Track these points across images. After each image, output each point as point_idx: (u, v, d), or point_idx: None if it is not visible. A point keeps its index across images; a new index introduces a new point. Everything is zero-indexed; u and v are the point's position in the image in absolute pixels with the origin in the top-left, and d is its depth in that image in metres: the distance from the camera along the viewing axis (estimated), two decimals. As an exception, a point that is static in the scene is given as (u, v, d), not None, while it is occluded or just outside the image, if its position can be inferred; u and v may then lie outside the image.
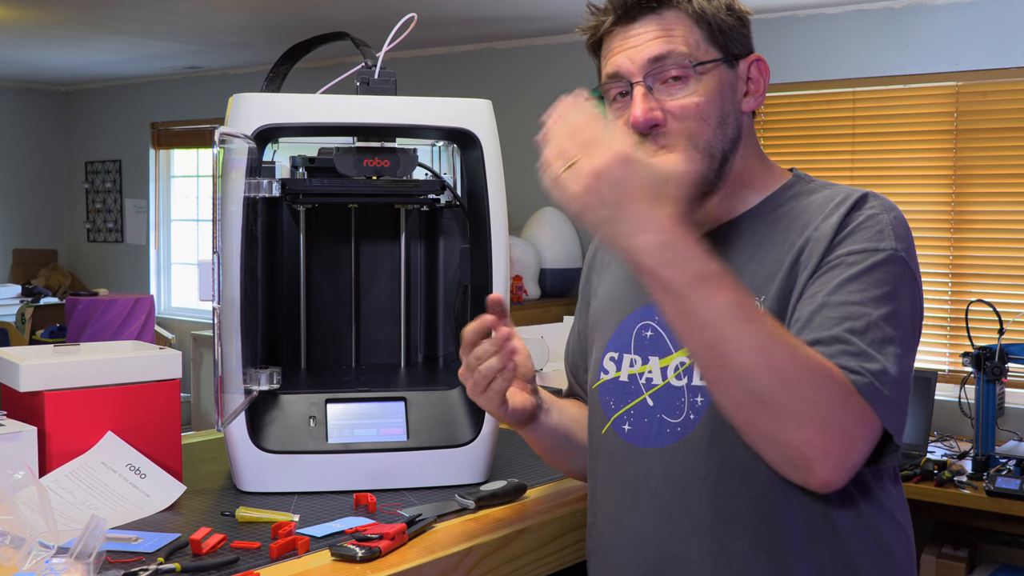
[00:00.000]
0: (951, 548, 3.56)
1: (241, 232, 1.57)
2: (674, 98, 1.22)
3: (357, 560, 1.29)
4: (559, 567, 1.54)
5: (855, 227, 1.18)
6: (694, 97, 1.22)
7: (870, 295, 1.13)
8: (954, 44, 4.05)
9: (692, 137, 1.22)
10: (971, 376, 3.43)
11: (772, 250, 1.22)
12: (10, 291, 7.19)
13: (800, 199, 1.26)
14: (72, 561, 1.15)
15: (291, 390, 1.68)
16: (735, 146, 1.26)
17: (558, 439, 1.43)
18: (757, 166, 1.30)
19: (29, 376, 1.49)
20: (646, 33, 1.23)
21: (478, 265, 1.72)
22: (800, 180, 1.30)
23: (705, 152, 1.23)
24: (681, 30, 1.23)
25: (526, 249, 4.64)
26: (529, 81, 5.34)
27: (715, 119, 1.23)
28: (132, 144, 7.58)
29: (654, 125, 1.21)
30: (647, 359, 1.30)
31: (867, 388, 1.07)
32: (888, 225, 1.18)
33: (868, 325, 1.11)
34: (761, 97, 1.29)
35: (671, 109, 1.22)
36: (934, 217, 4.14)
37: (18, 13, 5.10)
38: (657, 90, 1.22)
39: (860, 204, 1.20)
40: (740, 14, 1.28)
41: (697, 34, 1.23)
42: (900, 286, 1.15)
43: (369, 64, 1.73)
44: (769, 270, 1.21)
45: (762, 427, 1.07)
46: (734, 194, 1.28)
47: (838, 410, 1.06)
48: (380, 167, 1.73)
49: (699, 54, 1.23)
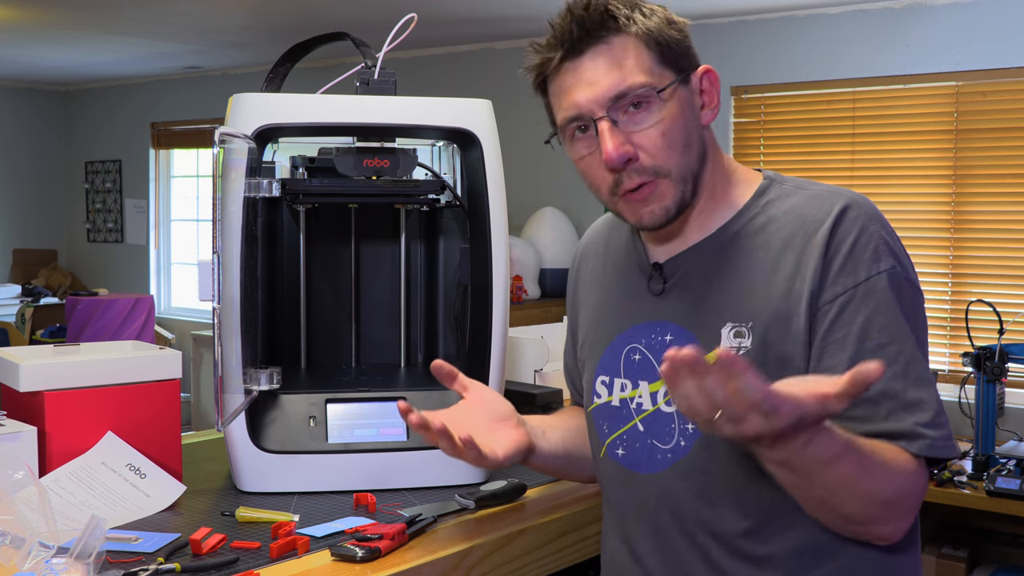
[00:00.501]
0: (951, 548, 3.56)
1: (241, 232, 1.56)
2: (640, 127, 1.19)
3: (357, 560, 1.29)
4: (559, 567, 1.54)
5: (849, 252, 1.16)
6: (659, 126, 1.19)
7: (894, 331, 1.15)
8: (954, 44, 4.05)
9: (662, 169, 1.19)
10: (971, 376, 3.43)
11: (758, 270, 1.20)
12: (10, 291, 7.19)
13: (775, 206, 1.23)
14: (72, 561, 1.15)
15: (291, 390, 1.68)
16: (703, 163, 1.24)
17: (563, 458, 1.43)
18: (724, 176, 1.27)
19: (29, 376, 1.49)
20: (598, 67, 1.19)
21: (478, 265, 1.72)
22: (772, 183, 1.27)
23: (678, 179, 1.21)
24: (632, 57, 1.18)
25: (526, 249, 4.64)
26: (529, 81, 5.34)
27: (680, 142, 1.20)
28: (132, 144, 7.58)
29: (628, 159, 1.19)
30: (637, 383, 1.29)
31: (929, 449, 1.13)
32: (880, 240, 1.16)
33: (907, 365, 1.14)
34: (717, 108, 1.25)
35: (639, 143, 1.19)
36: (934, 217, 4.14)
37: (18, 13, 5.10)
38: (621, 121, 1.19)
39: (842, 219, 1.17)
40: (680, 27, 1.23)
41: (648, 57, 1.19)
42: (909, 304, 1.17)
43: (369, 64, 1.73)
44: (759, 294, 1.19)
45: (845, 531, 1.17)
46: (706, 209, 1.26)
47: (915, 496, 1.14)
48: (380, 167, 1.73)
49: (655, 80, 1.18)
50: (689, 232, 1.27)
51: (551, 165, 5.22)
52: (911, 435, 1.12)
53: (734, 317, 1.19)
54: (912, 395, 1.13)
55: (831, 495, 1.10)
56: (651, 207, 1.21)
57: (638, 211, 1.22)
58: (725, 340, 1.19)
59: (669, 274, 1.27)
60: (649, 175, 1.19)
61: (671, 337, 1.25)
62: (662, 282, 1.27)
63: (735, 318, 1.19)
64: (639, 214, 1.22)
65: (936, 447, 1.13)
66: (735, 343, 1.18)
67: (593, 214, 4.69)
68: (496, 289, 1.68)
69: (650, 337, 1.28)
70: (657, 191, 1.20)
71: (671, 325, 1.25)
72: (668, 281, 1.27)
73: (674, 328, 1.25)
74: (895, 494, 1.12)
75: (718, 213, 1.26)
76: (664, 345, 1.25)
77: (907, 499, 1.14)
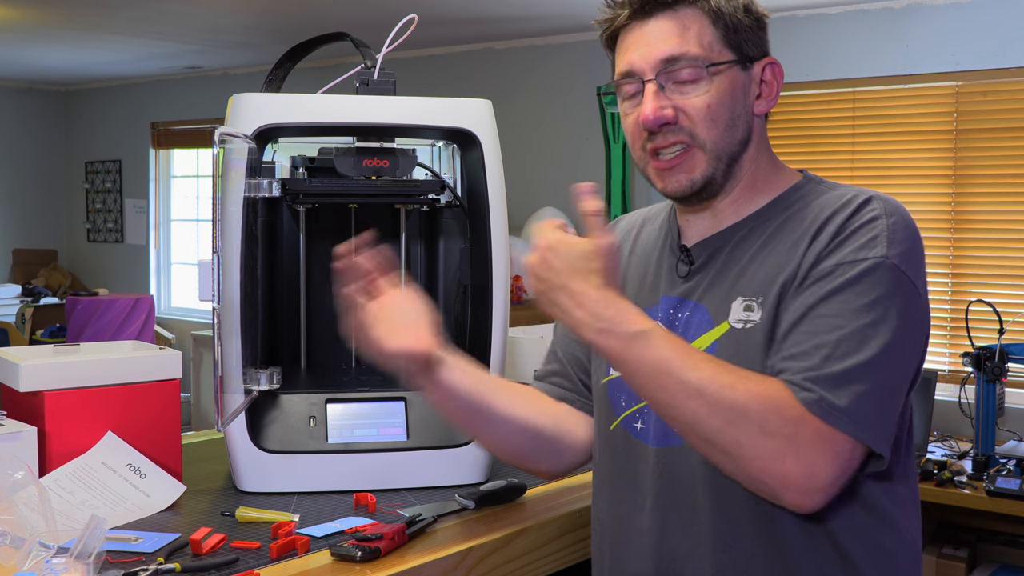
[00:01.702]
0: (951, 548, 3.56)
1: (241, 232, 1.57)
2: (686, 97, 1.22)
3: (357, 560, 1.29)
4: (559, 567, 1.54)
5: (848, 235, 1.17)
6: (705, 98, 1.22)
7: (849, 306, 1.12)
8: (954, 44, 4.05)
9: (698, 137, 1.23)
10: (971, 376, 3.43)
11: (774, 252, 1.22)
12: (10, 291, 7.19)
13: (808, 200, 1.26)
14: (72, 561, 1.15)
15: (291, 390, 1.68)
16: (744, 148, 1.27)
17: (470, 404, 1.34)
18: (767, 169, 1.30)
19: (29, 376, 1.49)
20: (660, 31, 1.23)
21: (478, 265, 1.72)
22: (809, 182, 1.30)
23: (712, 154, 1.23)
24: (696, 29, 1.22)
25: (526, 249, 4.64)
26: (529, 81, 5.34)
27: (724, 121, 1.23)
28: (132, 144, 7.58)
29: (664, 123, 1.22)
30: None
31: (817, 405, 1.08)
32: (884, 231, 1.16)
33: (839, 339, 1.11)
34: (773, 100, 1.29)
35: (683, 107, 1.22)
36: (934, 217, 4.14)
37: (18, 13, 5.10)
38: (669, 88, 1.23)
39: (861, 208, 1.19)
40: (758, 15, 1.27)
41: (712, 33, 1.23)
42: (887, 294, 1.13)
43: (368, 65, 1.73)
44: (770, 271, 1.21)
45: (722, 464, 1.13)
46: (742, 197, 1.28)
47: (787, 437, 1.08)
48: (379, 167, 1.73)
49: (712, 55, 1.22)
50: (724, 218, 1.29)
51: (551, 165, 5.22)
52: (807, 389, 1.09)
53: (745, 291, 1.22)
54: (827, 364, 1.10)
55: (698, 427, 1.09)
56: (677, 176, 1.25)
57: (664, 178, 1.26)
58: (735, 313, 1.21)
59: (697, 256, 1.29)
60: (685, 137, 1.23)
61: (689, 313, 1.26)
62: (689, 263, 1.30)
63: (746, 292, 1.21)
64: (665, 180, 1.26)
65: (829, 409, 1.07)
66: (744, 316, 1.21)
67: (593, 214, 4.69)
68: (496, 289, 1.68)
69: (669, 312, 1.29)
70: (688, 161, 1.24)
71: (690, 302, 1.27)
72: (695, 262, 1.29)
73: (693, 305, 1.26)
74: (782, 440, 1.07)
75: (753, 202, 1.29)
76: (683, 321, 1.27)
77: (804, 457, 1.07)
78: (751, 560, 1.19)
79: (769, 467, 1.08)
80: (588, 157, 5.03)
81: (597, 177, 4.86)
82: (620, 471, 1.32)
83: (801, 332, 1.14)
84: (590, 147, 5.01)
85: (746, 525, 1.19)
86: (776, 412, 1.08)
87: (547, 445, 1.41)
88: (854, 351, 1.10)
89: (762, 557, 1.19)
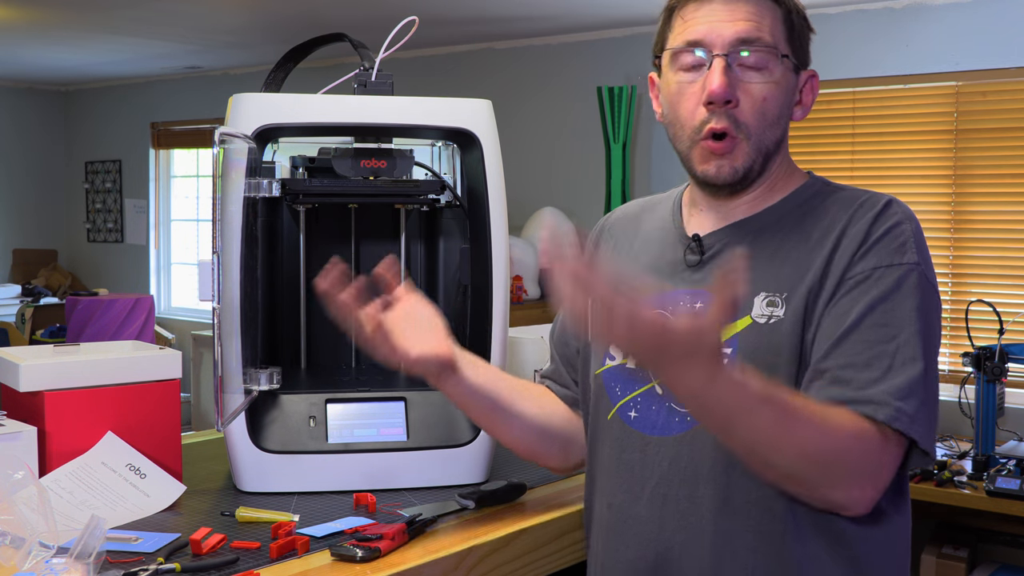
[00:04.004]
0: (951, 548, 3.56)
1: (241, 232, 1.57)
2: (748, 83, 1.24)
3: (357, 560, 1.29)
4: (559, 567, 1.54)
5: (878, 238, 1.20)
6: (764, 88, 1.24)
7: (897, 315, 1.16)
8: (954, 44, 4.05)
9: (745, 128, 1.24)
10: (971, 376, 3.43)
11: (797, 247, 1.24)
12: (10, 291, 7.19)
13: (822, 199, 1.28)
14: (72, 561, 1.15)
15: (291, 390, 1.68)
16: (778, 148, 1.29)
17: (488, 401, 1.39)
18: (785, 171, 1.33)
19: (29, 376, 1.49)
20: (736, 10, 1.24)
21: (478, 265, 1.72)
22: (818, 182, 1.32)
23: (754, 146, 1.25)
24: (771, 19, 1.25)
25: (526, 249, 4.64)
26: (529, 81, 5.34)
27: (772, 116, 1.26)
28: (132, 144, 7.57)
29: (727, 101, 1.23)
30: None
31: (889, 414, 1.12)
32: (911, 237, 1.20)
33: (898, 346, 1.15)
34: (807, 111, 1.32)
35: (742, 95, 1.23)
36: (934, 217, 4.14)
37: (18, 13, 5.10)
38: (735, 68, 1.24)
39: (885, 211, 1.22)
40: (811, 27, 1.31)
41: (781, 30, 1.26)
42: (923, 300, 1.18)
43: (366, 67, 1.73)
44: (796, 267, 1.22)
45: (794, 492, 1.16)
46: (761, 195, 1.30)
47: (862, 462, 1.12)
48: (377, 168, 1.73)
49: (780, 49, 1.25)
50: (736, 212, 1.30)
51: (551, 165, 5.22)
52: (877, 401, 1.13)
53: (768, 287, 1.22)
54: (890, 373, 1.14)
55: (755, 446, 1.10)
56: (724, 161, 1.25)
57: (711, 160, 1.26)
58: (757, 307, 1.22)
59: (708, 247, 1.30)
60: (734, 127, 1.24)
61: (701, 304, 1.26)
62: (700, 253, 1.30)
63: (768, 287, 1.22)
64: (710, 163, 1.26)
65: (902, 420, 1.12)
66: (767, 311, 1.21)
67: (593, 215, 4.69)
68: (496, 289, 1.68)
69: (678, 305, 1.28)
70: (736, 150, 1.25)
71: (704, 293, 1.26)
72: (706, 253, 1.29)
73: (706, 296, 1.26)
74: (833, 455, 1.11)
75: (766, 198, 1.30)
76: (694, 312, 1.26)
77: (856, 464, 1.12)
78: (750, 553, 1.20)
79: (843, 492, 1.14)
80: (588, 157, 5.02)
81: (597, 177, 4.86)
82: (616, 460, 1.32)
83: (856, 341, 1.16)
84: (590, 147, 5.01)
85: (748, 518, 1.20)
86: (855, 439, 1.11)
87: (556, 442, 1.45)
88: (911, 360, 1.14)
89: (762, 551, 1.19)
